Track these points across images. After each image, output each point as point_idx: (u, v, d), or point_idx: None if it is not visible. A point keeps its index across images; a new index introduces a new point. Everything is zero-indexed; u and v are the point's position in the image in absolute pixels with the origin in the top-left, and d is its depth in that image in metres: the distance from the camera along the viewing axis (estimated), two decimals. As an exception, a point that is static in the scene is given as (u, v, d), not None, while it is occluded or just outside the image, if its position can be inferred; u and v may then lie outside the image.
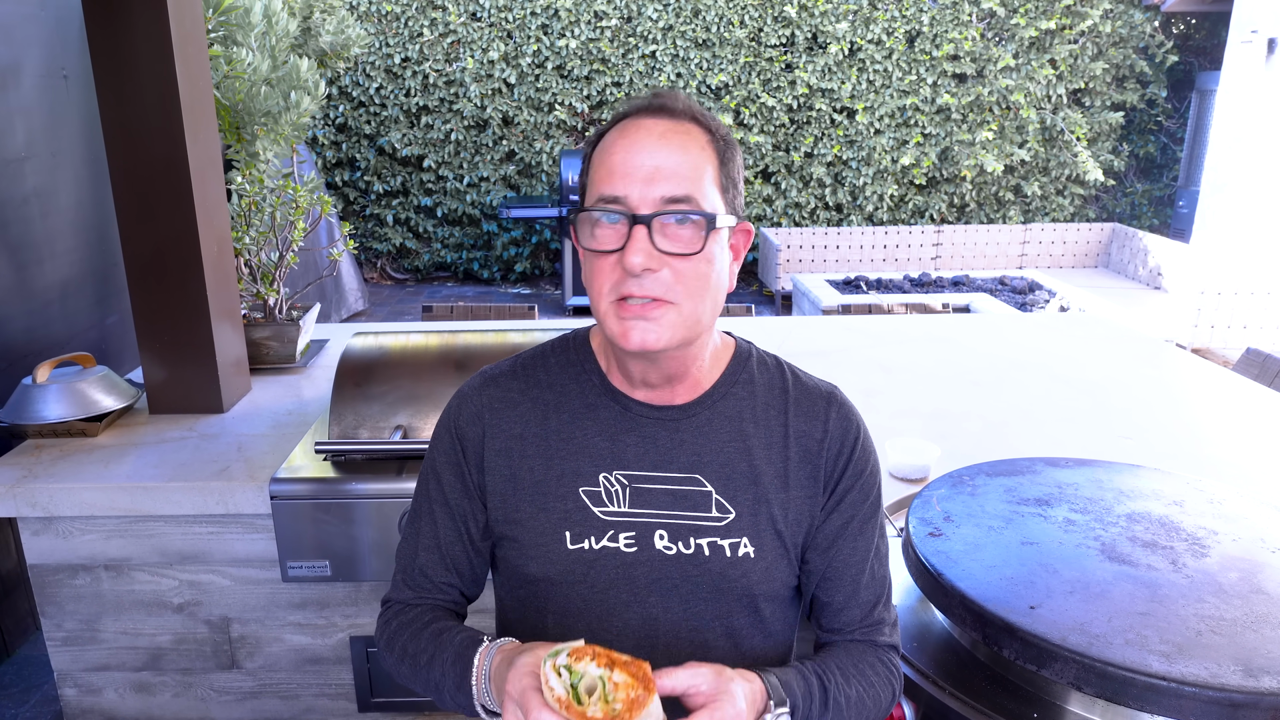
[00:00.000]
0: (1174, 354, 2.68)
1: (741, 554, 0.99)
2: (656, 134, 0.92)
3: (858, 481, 1.04)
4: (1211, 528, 1.31)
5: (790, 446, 1.02)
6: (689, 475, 1.00)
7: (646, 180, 0.90)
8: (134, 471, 1.83)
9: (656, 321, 0.92)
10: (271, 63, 2.39)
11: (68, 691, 1.96)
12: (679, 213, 0.90)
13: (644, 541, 0.99)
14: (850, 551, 1.04)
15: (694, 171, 0.91)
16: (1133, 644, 1.05)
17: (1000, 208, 8.11)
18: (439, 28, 7.47)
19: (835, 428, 1.03)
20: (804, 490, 1.02)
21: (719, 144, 0.95)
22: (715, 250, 0.93)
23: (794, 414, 1.03)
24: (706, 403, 1.02)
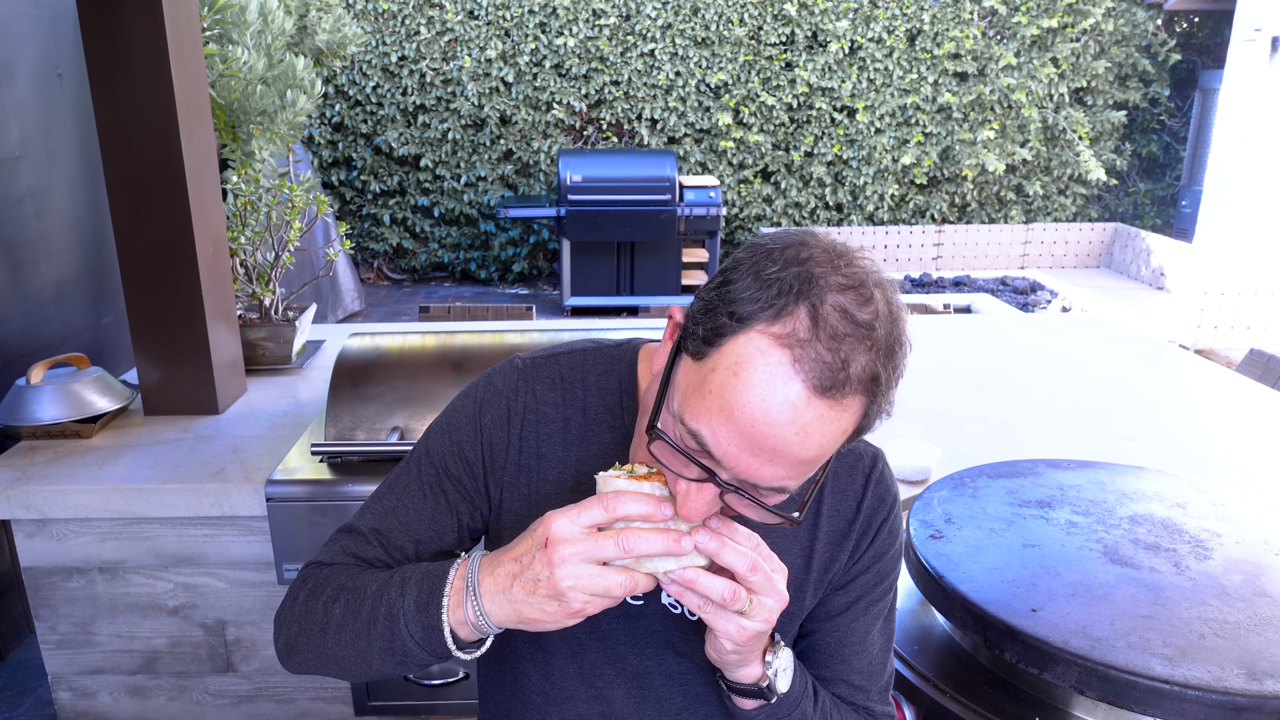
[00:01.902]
0: (1177, 355, 2.67)
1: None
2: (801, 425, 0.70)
3: (876, 563, 0.97)
4: (1215, 530, 1.30)
5: (820, 527, 0.95)
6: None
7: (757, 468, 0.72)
8: (129, 473, 1.82)
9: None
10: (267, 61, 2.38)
11: (62, 695, 1.95)
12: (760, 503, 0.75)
13: (650, 596, 0.94)
14: (847, 631, 0.98)
15: (816, 463, 0.73)
16: (1135, 647, 1.04)
17: (1002, 207, 8.10)
18: (436, 26, 7.47)
19: (869, 506, 0.96)
20: (829, 571, 0.96)
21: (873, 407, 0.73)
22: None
23: (830, 489, 0.95)
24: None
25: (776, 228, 7.72)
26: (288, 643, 0.92)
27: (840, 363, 0.69)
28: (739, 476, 0.73)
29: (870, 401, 0.72)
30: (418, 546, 0.95)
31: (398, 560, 0.95)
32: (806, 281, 0.70)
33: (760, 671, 0.86)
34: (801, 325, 0.69)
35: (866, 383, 0.70)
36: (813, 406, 0.69)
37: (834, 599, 0.97)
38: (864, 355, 0.69)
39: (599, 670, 0.96)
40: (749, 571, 0.75)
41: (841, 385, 0.69)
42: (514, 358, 0.99)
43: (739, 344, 0.70)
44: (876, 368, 0.70)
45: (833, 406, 0.70)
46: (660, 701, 0.97)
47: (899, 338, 0.73)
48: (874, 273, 0.75)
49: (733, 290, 0.72)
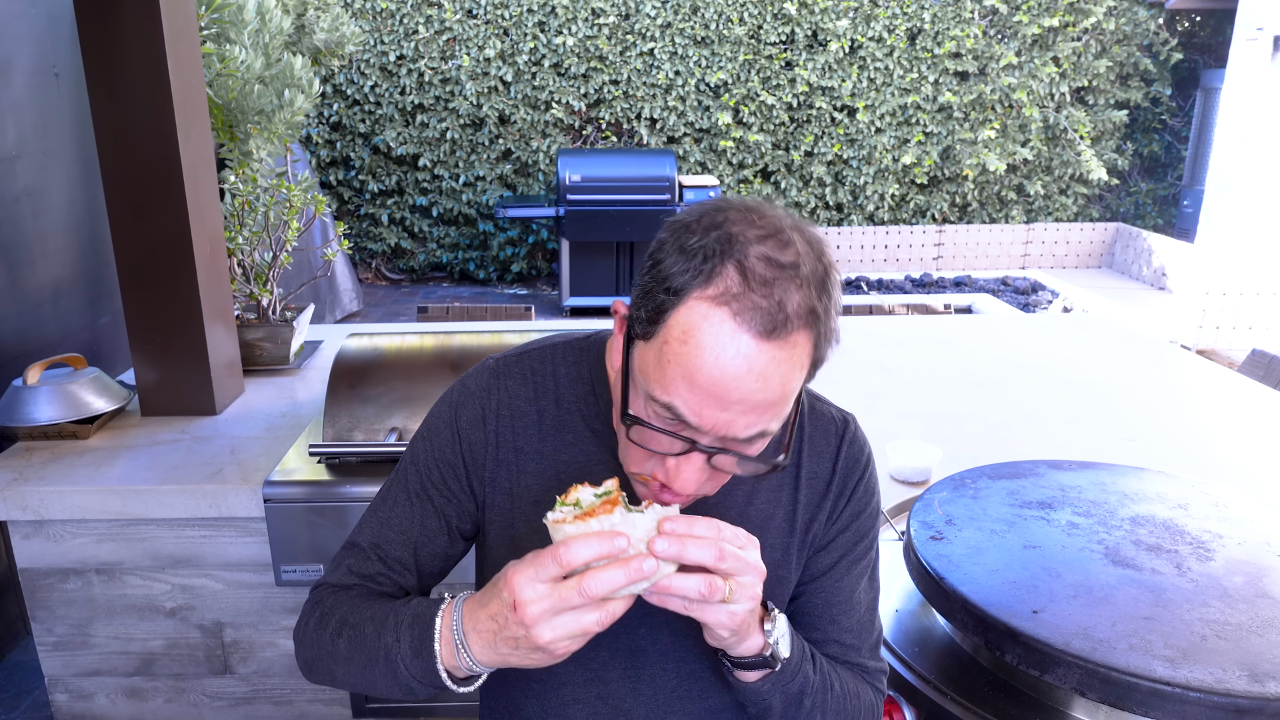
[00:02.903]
0: (1178, 355, 2.66)
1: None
2: (758, 370, 0.74)
3: (854, 521, 0.99)
4: (1216, 531, 1.30)
5: (800, 490, 0.98)
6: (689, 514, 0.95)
7: (728, 421, 0.76)
8: (125, 474, 1.82)
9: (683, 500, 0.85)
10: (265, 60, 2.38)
11: (59, 697, 1.95)
12: (743, 454, 0.80)
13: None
14: (833, 591, 1.00)
15: (783, 405, 0.78)
16: (1137, 649, 1.04)
17: (1003, 207, 8.09)
18: (434, 25, 7.46)
19: (843, 466, 0.99)
20: (810, 532, 0.98)
21: (819, 340, 0.78)
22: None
23: (807, 452, 0.98)
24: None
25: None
26: (307, 663, 0.97)
27: (776, 305, 0.74)
28: (718, 435, 0.77)
29: (816, 333, 0.77)
30: (415, 553, 0.98)
31: (398, 571, 0.98)
32: (727, 242, 0.76)
33: (762, 641, 0.87)
34: (733, 282, 0.74)
35: (806, 317, 0.75)
36: (764, 352, 0.74)
37: (817, 560, 0.99)
38: (797, 293, 0.75)
39: (593, 652, 0.97)
40: (717, 561, 0.75)
41: (784, 325, 0.74)
42: (486, 359, 1.03)
43: (681, 314, 0.75)
44: (811, 301, 0.76)
45: (782, 346, 0.75)
46: (655, 679, 0.99)
47: (825, 269, 0.78)
48: (787, 218, 0.80)
49: (663, 268, 0.78)
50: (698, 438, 0.78)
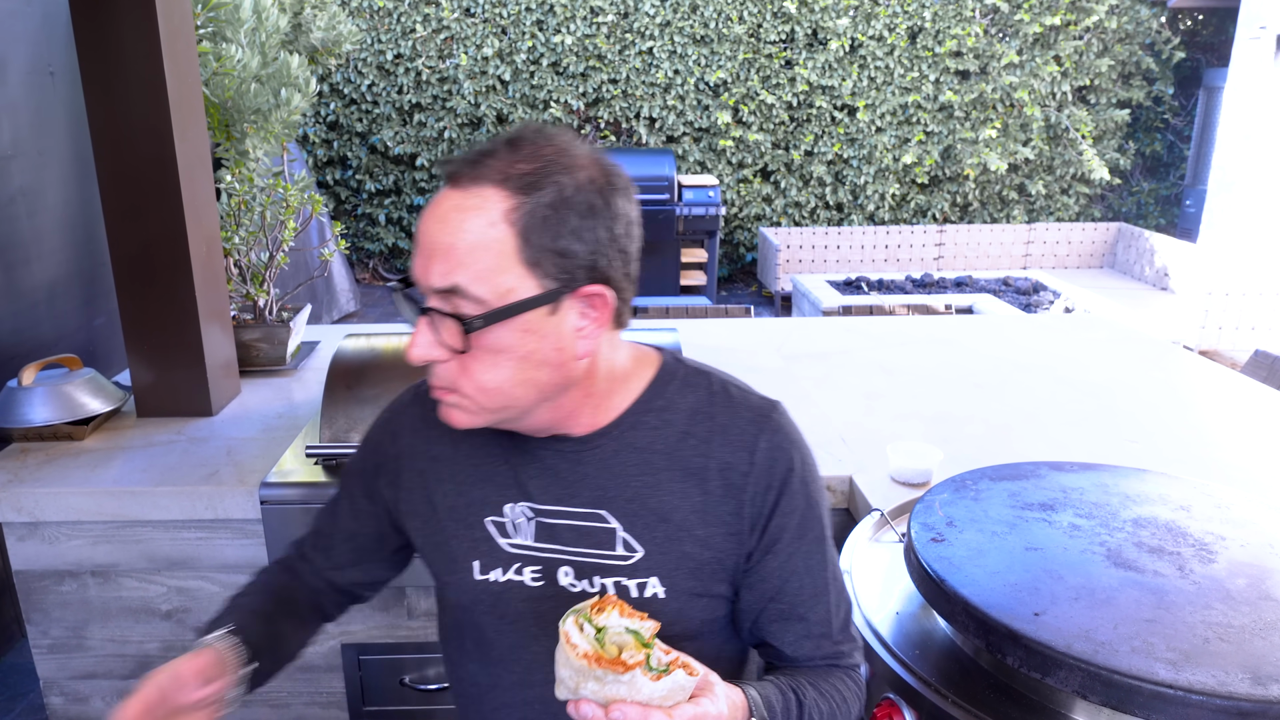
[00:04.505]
0: (1181, 356, 2.65)
1: (649, 595, 0.93)
2: (440, 212, 0.82)
3: (791, 520, 0.96)
4: (1219, 533, 1.29)
5: (710, 479, 0.94)
6: (593, 510, 0.94)
7: (424, 266, 0.83)
8: (121, 476, 1.81)
9: (457, 408, 0.88)
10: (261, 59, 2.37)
11: (54, 700, 1.94)
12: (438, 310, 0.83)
13: (549, 576, 0.95)
14: (796, 590, 0.98)
15: (470, 258, 0.81)
16: (1139, 651, 1.03)
17: (1004, 207, 8.08)
18: (432, 24, 7.46)
19: (763, 459, 0.94)
20: (726, 527, 0.94)
21: (530, 210, 0.81)
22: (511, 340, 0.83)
23: (718, 443, 0.95)
24: (612, 434, 0.94)
25: (776, 227, 7.71)
26: None
27: (474, 159, 0.82)
28: (428, 289, 0.83)
29: (518, 200, 0.80)
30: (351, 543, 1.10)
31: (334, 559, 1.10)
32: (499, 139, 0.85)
33: None
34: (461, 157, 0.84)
35: (501, 178, 0.81)
36: (448, 197, 0.82)
37: (767, 564, 0.96)
38: (503, 158, 0.82)
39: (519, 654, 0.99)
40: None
41: (470, 177, 0.81)
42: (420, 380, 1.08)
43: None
44: (513, 170, 0.81)
45: (466, 195, 0.81)
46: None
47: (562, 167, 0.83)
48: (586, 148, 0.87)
49: None
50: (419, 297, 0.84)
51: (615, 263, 0.87)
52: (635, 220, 0.90)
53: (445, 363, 0.85)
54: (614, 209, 0.86)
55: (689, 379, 0.99)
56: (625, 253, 0.88)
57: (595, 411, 0.94)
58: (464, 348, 0.83)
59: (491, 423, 0.89)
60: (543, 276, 0.82)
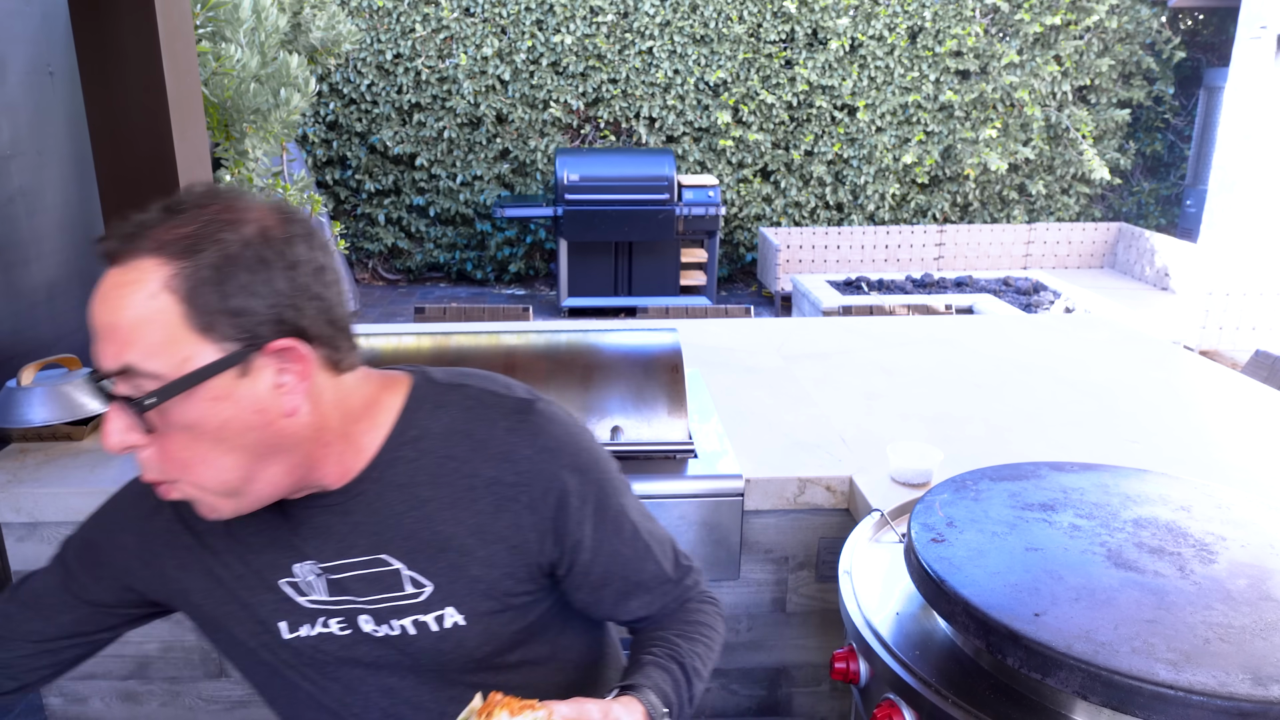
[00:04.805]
0: (1181, 356, 2.65)
1: (450, 625, 0.93)
2: (102, 293, 0.78)
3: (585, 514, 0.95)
4: (1220, 533, 1.28)
5: (480, 498, 0.91)
6: (374, 557, 0.92)
7: (97, 351, 0.79)
8: (120, 476, 1.79)
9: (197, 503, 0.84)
10: (261, 59, 2.37)
11: (53, 701, 1.94)
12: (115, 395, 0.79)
13: (353, 626, 0.94)
14: (621, 569, 0.99)
15: (137, 334, 0.76)
16: (1139, 652, 1.02)
17: (1004, 207, 8.08)
18: (431, 23, 7.45)
19: (528, 466, 0.92)
20: (507, 541, 0.92)
21: (192, 274, 0.76)
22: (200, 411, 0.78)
23: (480, 460, 0.92)
24: (372, 476, 0.91)
25: (776, 227, 7.71)
26: None
27: (130, 231, 0.78)
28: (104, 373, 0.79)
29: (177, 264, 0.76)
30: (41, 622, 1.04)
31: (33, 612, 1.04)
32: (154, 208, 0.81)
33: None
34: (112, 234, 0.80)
35: (157, 246, 0.77)
36: (108, 276, 0.78)
37: (580, 565, 0.97)
38: (160, 226, 0.78)
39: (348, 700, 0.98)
40: None
41: (128, 251, 0.77)
42: None
43: None
44: (170, 235, 0.77)
45: (125, 270, 0.77)
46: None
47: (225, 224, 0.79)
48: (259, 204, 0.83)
49: None
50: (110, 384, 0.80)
51: (307, 311, 0.81)
52: (326, 264, 0.84)
53: (146, 449, 0.80)
54: (291, 257, 0.80)
55: (440, 398, 0.95)
56: (320, 299, 0.82)
57: (344, 457, 0.89)
58: (151, 428, 0.79)
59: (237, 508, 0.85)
60: (221, 340, 0.78)
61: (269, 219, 0.81)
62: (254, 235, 0.79)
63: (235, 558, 0.95)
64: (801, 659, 1.94)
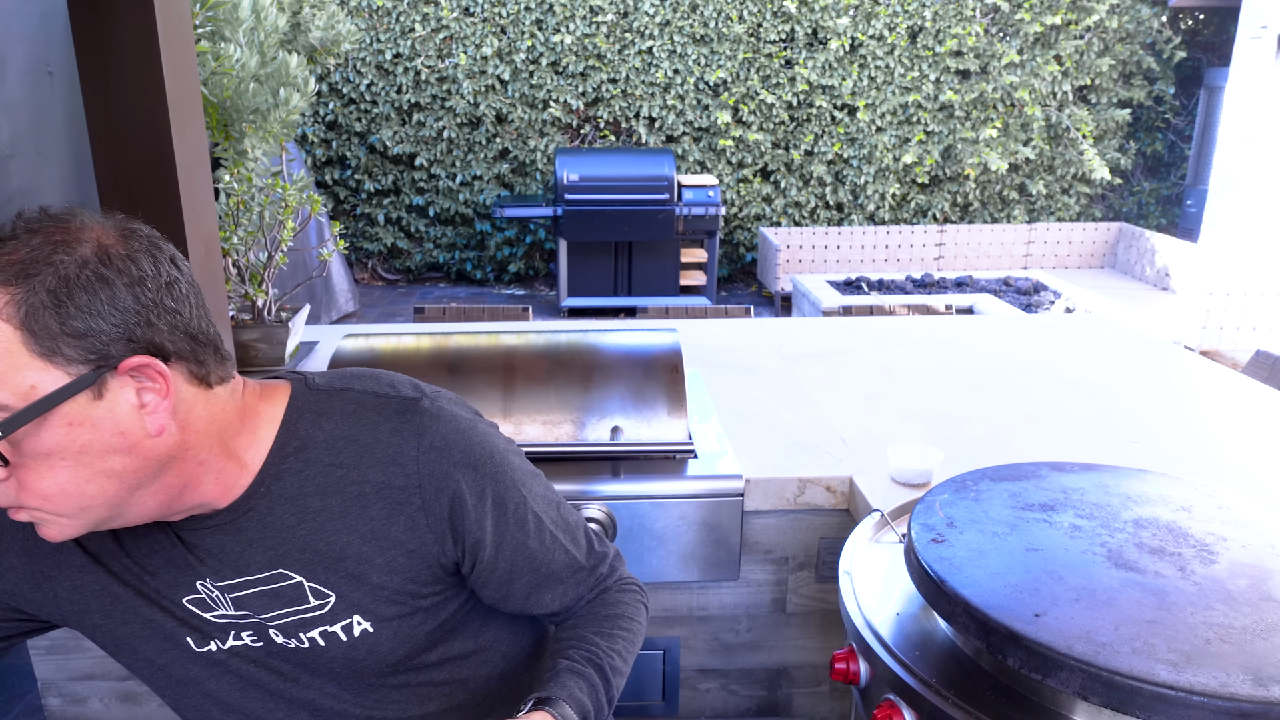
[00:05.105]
0: (1182, 356, 2.64)
1: (359, 633, 0.92)
2: None
3: (483, 512, 0.93)
4: (1220, 534, 1.28)
5: (371, 505, 0.90)
6: (273, 572, 0.91)
7: None
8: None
9: (42, 524, 0.81)
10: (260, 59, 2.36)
11: (52, 701, 1.93)
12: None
13: (266, 638, 0.94)
14: (528, 562, 0.97)
15: None
16: (1140, 652, 1.02)
17: (1004, 207, 8.07)
18: (431, 23, 7.45)
19: (416, 469, 0.90)
20: (404, 545, 0.91)
21: (26, 301, 0.74)
22: (55, 438, 0.76)
23: (367, 465, 0.90)
24: (259, 492, 0.89)
25: (776, 227, 7.70)
26: None
27: None
28: None
29: (10, 292, 0.74)
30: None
31: None
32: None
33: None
34: None
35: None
36: None
37: (484, 564, 0.95)
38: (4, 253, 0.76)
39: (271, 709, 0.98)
40: None
41: None
42: None
43: None
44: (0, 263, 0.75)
45: None
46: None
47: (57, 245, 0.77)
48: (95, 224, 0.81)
49: None
50: None
51: (160, 327, 0.79)
52: (179, 279, 0.82)
53: (3, 481, 0.77)
54: (135, 273, 0.78)
55: (321, 405, 0.93)
56: (174, 313, 0.80)
57: (225, 475, 0.88)
58: (10, 458, 0.76)
59: (88, 527, 0.82)
60: (67, 364, 0.75)
61: (107, 237, 0.79)
62: (90, 254, 0.77)
63: (133, 577, 0.93)
64: (801, 659, 1.94)
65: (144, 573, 0.93)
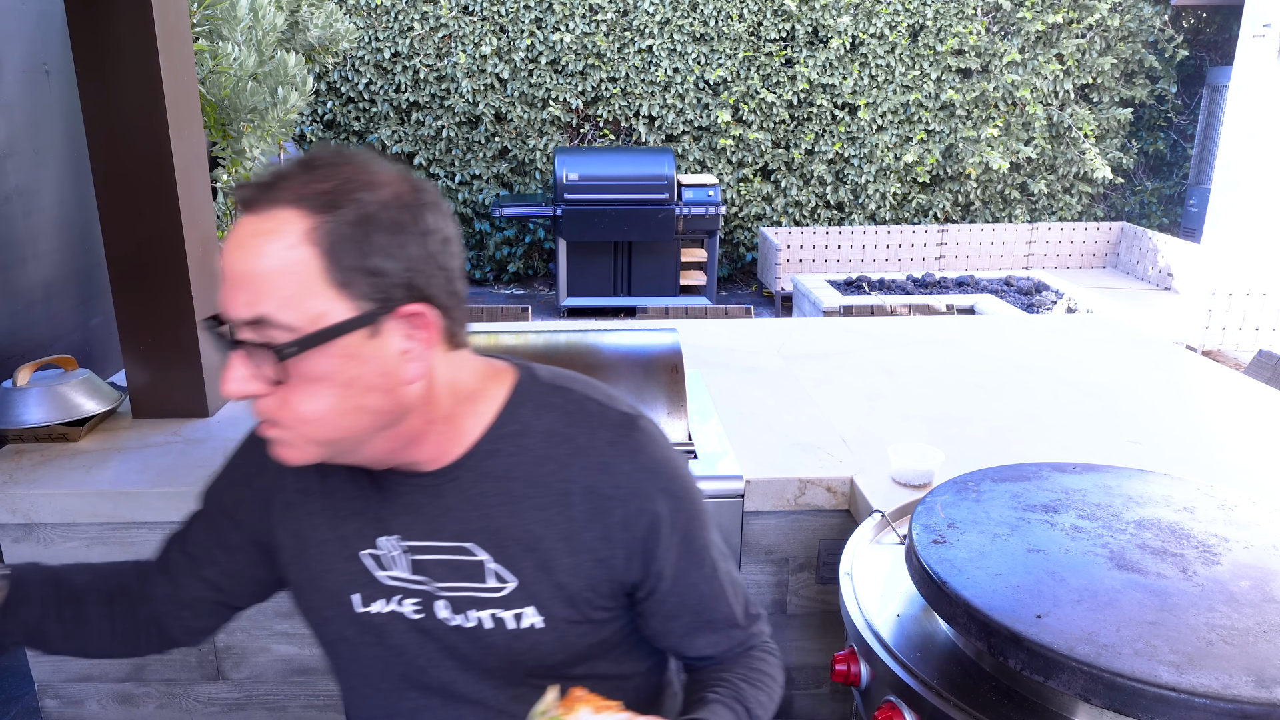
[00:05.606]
0: (1184, 356, 2.64)
1: (526, 625, 0.92)
2: (237, 240, 0.78)
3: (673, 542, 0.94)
4: (1223, 535, 1.28)
5: (574, 505, 0.91)
6: (460, 544, 0.92)
7: (228, 298, 0.79)
8: (117, 477, 1.80)
9: (284, 444, 0.84)
10: (258, 58, 2.36)
11: (49, 703, 1.93)
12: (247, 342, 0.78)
13: (428, 610, 0.94)
14: (695, 604, 0.98)
15: (273, 284, 0.77)
16: (1142, 654, 1.01)
17: (1006, 206, 8.06)
18: (430, 22, 7.44)
19: (627, 482, 0.91)
20: (595, 553, 0.92)
21: (332, 229, 0.77)
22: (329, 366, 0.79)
23: (579, 466, 0.91)
24: (469, 464, 0.91)
25: (776, 227, 7.70)
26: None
27: (269, 182, 0.79)
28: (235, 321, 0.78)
29: (318, 218, 0.77)
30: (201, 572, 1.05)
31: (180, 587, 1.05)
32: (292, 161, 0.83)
33: None
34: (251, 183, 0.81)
35: (297, 198, 0.78)
36: (245, 224, 0.78)
37: (660, 593, 0.96)
38: (299, 179, 0.79)
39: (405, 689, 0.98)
40: None
41: (263, 200, 0.78)
42: None
43: None
44: (310, 189, 0.78)
45: (262, 219, 0.77)
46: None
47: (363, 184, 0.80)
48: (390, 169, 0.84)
49: None
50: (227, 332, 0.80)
51: (435, 280, 0.82)
52: (452, 237, 0.85)
53: (264, 397, 0.80)
54: (425, 225, 0.81)
55: (544, 398, 0.95)
56: (446, 270, 0.83)
57: (444, 439, 0.90)
58: (281, 378, 0.79)
59: (324, 457, 0.85)
60: (356, 298, 0.78)
61: (401, 185, 0.82)
62: (390, 198, 0.80)
63: (324, 520, 0.96)
64: (802, 661, 1.93)
65: (335, 517, 0.95)
